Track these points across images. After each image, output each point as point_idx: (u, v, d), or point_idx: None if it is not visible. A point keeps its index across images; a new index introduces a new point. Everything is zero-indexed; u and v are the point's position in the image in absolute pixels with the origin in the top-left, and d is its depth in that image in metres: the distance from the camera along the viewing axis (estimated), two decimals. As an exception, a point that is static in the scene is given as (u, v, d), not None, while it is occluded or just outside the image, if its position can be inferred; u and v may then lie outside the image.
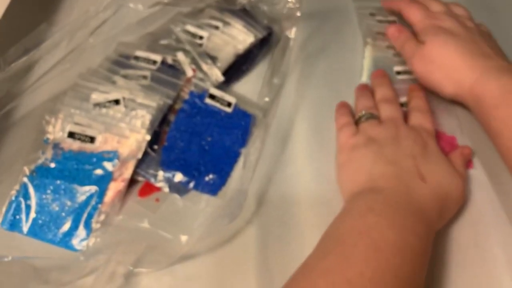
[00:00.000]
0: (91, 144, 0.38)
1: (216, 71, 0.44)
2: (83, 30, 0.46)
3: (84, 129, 0.38)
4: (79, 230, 0.35)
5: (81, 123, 0.38)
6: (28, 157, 0.38)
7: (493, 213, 0.37)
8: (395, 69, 0.47)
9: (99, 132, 0.38)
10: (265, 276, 0.34)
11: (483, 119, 0.38)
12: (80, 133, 0.38)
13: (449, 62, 0.40)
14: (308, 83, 0.47)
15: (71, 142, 0.38)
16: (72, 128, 0.38)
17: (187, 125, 0.41)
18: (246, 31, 0.47)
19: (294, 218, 0.37)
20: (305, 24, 0.51)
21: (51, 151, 0.38)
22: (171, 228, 0.36)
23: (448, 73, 0.40)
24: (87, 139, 0.38)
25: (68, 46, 0.45)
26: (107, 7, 0.46)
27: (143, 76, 0.42)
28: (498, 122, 0.36)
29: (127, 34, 0.47)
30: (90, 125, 0.38)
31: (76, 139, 0.38)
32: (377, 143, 0.37)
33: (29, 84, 0.44)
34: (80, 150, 0.38)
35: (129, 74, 0.42)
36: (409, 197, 0.33)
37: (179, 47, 0.45)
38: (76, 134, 0.38)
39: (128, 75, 0.42)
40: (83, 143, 0.38)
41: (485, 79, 0.37)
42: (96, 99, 0.40)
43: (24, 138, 0.41)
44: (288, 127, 0.43)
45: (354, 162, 0.37)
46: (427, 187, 0.34)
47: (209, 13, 0.48)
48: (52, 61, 0.45)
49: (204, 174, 0.39)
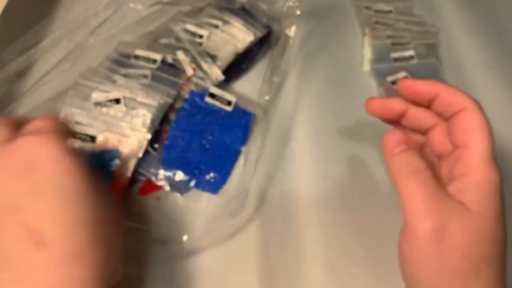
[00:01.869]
0: (92, 143, 0.38)
1: (216, 70, 0.44)
2: (83, 29, 0.46)
3: (85, 128, 0.38)
4: None
5: (82, 123, 0.38)
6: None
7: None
8: (392, 55, 0.48)
9: (100, 131, 0.38)
10: (266, 273, 0.34)
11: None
12: (81, 133, 0.38)
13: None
14: (308, 81, 0.47)
15: (72, 141, 0.38)
16: (73, 128, 0.38)
17: (187, 124, 0.41)
18: (246, 29, 0.47)
19: (295, 215, 0.38)
20: (304, 23, 0.52)
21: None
22: (173, 226, 0.36)
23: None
24: (88, 139, 0.38)
25: (68, 45, 0.45)
26: (107, 6, 0.47)
27: (144, 75, 0.42)
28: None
29: (127, 33, 0.47)
30: (91, 124, 0.38)
31: (77, 138, 0.38)
32: None
33: (29, 83, 0.44)
34: (81, 150, 0.38)
35: (129, 73, 0.42)
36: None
37: (179, 46, 0.45)
38: (77, 133, 0.38)
39: (128, 74, 0.42)
40: (83, 143, 0.38)
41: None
42: (96, 98, 0.40)
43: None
44: (289, 125, 0.43)
45: None
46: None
47: (209, 12, 0.48)
48: (52, 60, 0.45)
49: (204, 173, 0.39)
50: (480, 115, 0.27)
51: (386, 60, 0.48)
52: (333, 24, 0.53)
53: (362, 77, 0.48)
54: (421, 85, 0.28)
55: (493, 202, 0.25)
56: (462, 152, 0.26)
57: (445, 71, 0.48)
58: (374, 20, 0.52)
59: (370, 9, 0.54)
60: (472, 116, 0.27)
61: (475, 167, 0.26)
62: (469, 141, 0.26)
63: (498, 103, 0.45)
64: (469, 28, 0.52)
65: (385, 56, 0.48)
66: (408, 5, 0.55)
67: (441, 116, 0.29)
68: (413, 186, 0.25)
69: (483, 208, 0.25)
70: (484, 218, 0.24)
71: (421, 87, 0.28)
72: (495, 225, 0.25)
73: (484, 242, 0.24)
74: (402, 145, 0.27)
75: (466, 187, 0.25)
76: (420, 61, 0.48)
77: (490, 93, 0.46)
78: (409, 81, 0.29)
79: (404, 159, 0.26)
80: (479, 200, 0.25)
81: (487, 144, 0.26)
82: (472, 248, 0.24)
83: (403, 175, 0.26)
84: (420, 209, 0.24)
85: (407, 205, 0.25)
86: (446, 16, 0.54)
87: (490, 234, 0.24)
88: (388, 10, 0.53)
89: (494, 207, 0.25)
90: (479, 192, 0.25)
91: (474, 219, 0.24)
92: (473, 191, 0.25)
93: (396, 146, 0.27)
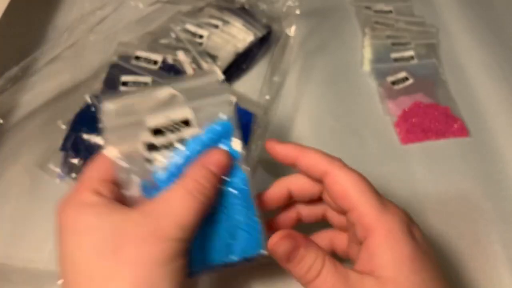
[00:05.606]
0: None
1: (217, 70, 0.44)
2: (83, 26, 0.45)
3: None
4: None
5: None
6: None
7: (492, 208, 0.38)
8: (392, 55, 0.48)
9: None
10: (268, 270, 0.34)
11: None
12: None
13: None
14: (308, 80, 0.47)
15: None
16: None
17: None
18: (246, 29, 0.47)
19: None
20: (304, 23, 0.52)
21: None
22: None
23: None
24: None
25: (67, 42, 0.45)
26: (107, 4, 0.46)
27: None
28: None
29: (127, 33, 0.47)
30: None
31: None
32: None
33: (29, 83, 0.44)
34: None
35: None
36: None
37: (179, 46, 0.45)
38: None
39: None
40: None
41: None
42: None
43: (24, 138, 0.41)
44: (289, 125, 0.43)
45: None
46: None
47: (209, 12, 0.48)
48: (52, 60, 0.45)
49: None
50: (345, 173, 0.25)
51: (386, 60, 0.48)
52: (333, 24, 0.53)
53: (362, 77, 0.48)
54: (279, 149, 0.28)
55: (402, 256, 0.23)
56: (352, 215, 0.25)
57: (445, 71, 0.48)
58: (374, 20, 0.52)
59: (370, 9, 0.54)
60: (339, 179, 0.25)
61: (371, 225, 0.24)
62: (351, 204, 0.25)
63: (498, 103, 0.45)
64: (469, 28, 0.52)
65: (385, 56, 0.49)
66: (408, 5, 0.55)
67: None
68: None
69: (393, 270, 0.23)
70: (400, 280, 0.23)
71: (279, 151, 0.28)
72: (414, 279, 0.23)
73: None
74: (294, 252, 0.24)
75: (372, 252, 0.24)
76: (420, 61, 0.48)
77: (490, 93, 0.46)
78: (271, 142, 0.28)
79: (302, 269, 0.24)
80: (387, 262, 0.23)
81: (368, 195, 0.25)
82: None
83: (309, 284, 0.24)
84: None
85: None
86: (446, 16, 0.54)
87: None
88: (388, 10, 0.53)
89: (405, 261, 0.23)
90: (384, 252, 0.23)
91: (391, 286, 0.22)
92: (379, 255, 0.23)
93: (288, 257, 0.25)
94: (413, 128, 0.43)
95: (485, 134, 0.43)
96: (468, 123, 0.44)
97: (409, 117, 0.44)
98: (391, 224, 0.24)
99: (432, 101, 0.45)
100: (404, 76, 0.47)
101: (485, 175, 0.40)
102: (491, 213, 0.38)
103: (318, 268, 0.24)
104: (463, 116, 0.44)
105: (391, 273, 0.23)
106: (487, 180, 0.40)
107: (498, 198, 0.39)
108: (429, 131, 0.43)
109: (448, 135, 0.43)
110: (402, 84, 0.46)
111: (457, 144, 0.42)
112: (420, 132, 0.43)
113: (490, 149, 0.42)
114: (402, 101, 0.45)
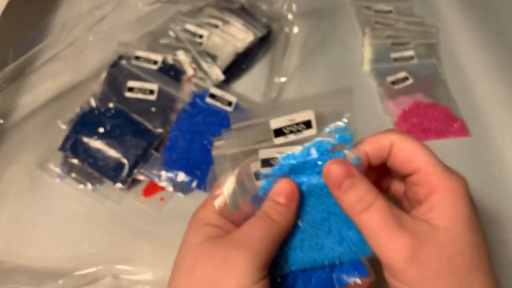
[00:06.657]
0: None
1: (217, 69, 0.44)
2: (82, 24, 0.45)
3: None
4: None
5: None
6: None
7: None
8: (392, 55, 0.48)
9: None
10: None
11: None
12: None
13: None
14: (309, 79, 0.47)
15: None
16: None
17: (188, 125, 0.41)
18: (246, 29, 0.47)
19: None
20: (304, 22, 0.52)
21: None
22: (176, 226, 0.36)
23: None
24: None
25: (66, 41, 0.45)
26: (106, 3, 0.46)
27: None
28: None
29: (127, 32, 0.47)
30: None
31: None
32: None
33: (29, 83, 0.44)
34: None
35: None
36: None
37: (179, 46, 0.45)
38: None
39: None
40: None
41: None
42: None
43: (24, 138, 0.41)
44: (289, 125, 0.43)
45: None
46: None
47: (209, 12, 0.48)
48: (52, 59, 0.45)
49: (206, 173, 0.39)
50: (409, 139, 0.26)
51: (386, 60, 0.48)
52: (333, 24, 0.53)
53: (362, 77, 0.48)
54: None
55: (460, 212, 0.24)
56: (417, 176, 0.26)
57: (445, 71, 0.48)
58: (374, 20, 0.52)
59: (370, 9, 0.54)
60: (404, 145, 0.26)
61: (435, 183, 0.25)
62: (417, 166, 0.26)
63: (498, 103, 0.45)
64: (469, 28, 0.52)
65: (385, 56, 0.49)
66: (408, 5, 0.55)
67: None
68: (371, 223, 0.24)
69: (450, 222, 0.24)
70: (454, 231, 0.23)
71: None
72: (467, 234, 0.23)
73: (463, 254, 0.23)
74: (346, 179, 0.25)
75: (433, 205, 0.24)
76: (420, 61, 0.48)
77: (490, 93, 0.46)
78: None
79: (353, 197, 0.24)
80: (445, 214, 0.24)
81: (434, 158, 0.26)
82: (453, 263, 0.23)
83: (357, 215, 0.24)
84: (387, 245, 0.23)
85: (373, 244, 0.24)
86: (446, 16, 0.54)
87: (466, 244, 0.23)
88: (388, 10, 0.54)
89: (462, 217, 0.24)
90: (444, 206, 0.24)
91: (444, 234, 0.23)
92: (439, 207, 0.24)
93: (340, 182, 0.25)
94: (413, 128, 0.43)
95: (485, 134, 0.43)
96: (468, 123, 0.44)
97: (409, 117, 0.44)
98: (455, 184, 0.25)
99: (432, 101, 0.45)
100: (404, 76, 0.47)
101: (485, 175, 0.40)
102: (491, 213, 0.38)
103: (371, 199, 0.24)
104: (463, 116, 0.44)
105: (447, 223, 0.24)
106: (487, 180, 0.40)
107: (498, 198, 0.39)
108: (429, 131, 0.43)
109: (448, 135, 0.43)
110: (402, 84, 0.46)
111: (457, 144, 0.42)
112: (420, 132, 0.43)
113: (490, 149, 0.42)
114: (402, 101, 0.45)
